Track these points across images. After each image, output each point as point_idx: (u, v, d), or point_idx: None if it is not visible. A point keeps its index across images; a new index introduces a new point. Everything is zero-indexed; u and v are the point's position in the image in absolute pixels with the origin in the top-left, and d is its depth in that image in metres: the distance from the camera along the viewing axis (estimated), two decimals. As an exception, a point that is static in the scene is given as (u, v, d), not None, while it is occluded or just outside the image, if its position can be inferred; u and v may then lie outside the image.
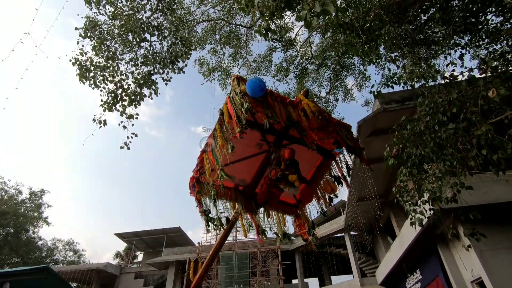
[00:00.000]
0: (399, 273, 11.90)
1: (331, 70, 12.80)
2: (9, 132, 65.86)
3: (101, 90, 6.34)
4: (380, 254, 16.41)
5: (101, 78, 6.29)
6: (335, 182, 3.47)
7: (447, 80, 4.28)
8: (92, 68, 6.16)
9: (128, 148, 6.51)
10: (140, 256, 30.92)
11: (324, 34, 11.46)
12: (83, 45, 6.18)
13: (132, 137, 6.42)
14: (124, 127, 6.34)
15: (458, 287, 7.54)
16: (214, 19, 11.48)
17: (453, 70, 4.38)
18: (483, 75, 4.11)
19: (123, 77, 6.51)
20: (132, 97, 6.46)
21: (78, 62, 6.05)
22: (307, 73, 12.94)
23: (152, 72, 6.56)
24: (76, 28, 6.24)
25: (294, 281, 22.71)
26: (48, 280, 7.05)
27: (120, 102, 6.48)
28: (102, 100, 6.37)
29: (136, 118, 6.53)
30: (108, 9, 6.60)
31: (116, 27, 6.57)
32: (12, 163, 62.46)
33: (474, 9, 5.60)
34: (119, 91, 6.40)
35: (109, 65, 6.32)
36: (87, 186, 78.46)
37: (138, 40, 6.43)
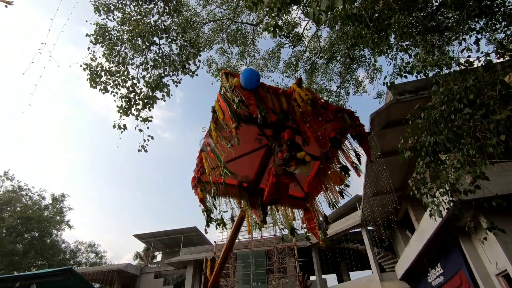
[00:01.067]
0: (420, 268, 11.64)
1: (341, 64, 12.59)
2: (28, 138, 68.37)
3: (114, 95, 6.47)
4: (399, 249, 16.10)
5: (113, 83, 6.41)
6: (343, 172, 3.26)
7: (463, 67, 4.12)
8: (102, 73, 6.29)
9: (146, 151, 6.63)
10: (158, 256, 31.54)
11: (332, 27, 11.28)
12: (94, 51, 6.33)
13: (148, 140, 6.54)
14: (140, 130, 6.46)
15: (483, 280, 7.30)
16: (220, 18, 11.50)
17: (469, 56, 4.21)
18: (501, 60, 3.93)
19: (134, 81, 6.62)
20: (145, 101, 6.57)
21: (89, 68, 6.19)
22: (317, 68, 12.78)
23: (162, 74, 6.64)
24: (87, 35, 6.39)
25: (312, 278, 22.62)
26: (71, 281, 7.31)
27: (134, 106, 6.60)
28: (117, 106, 6.50)
29: (150, 121, 6.64)
30: (116, 15, 6.72)
31: (125, 32, 6.68)
32: (32, 168, 64.89)
33: (489, -9, 5.37)
34: (131, 95, 6.52)
35: (119, 70, 6.44)
36: (103, 190, 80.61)
37: (147, 44, 6.52)
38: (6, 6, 6.59)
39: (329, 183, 3.57)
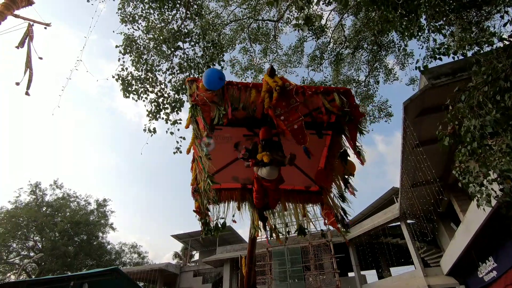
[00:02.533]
0: (469, 262, 10.88)
1: (368, 52, 12.09)
2: (71, 148, 73.67)
3: (143, 101, 6.79)
4: (443, 242, 15.18)
5: (142, 89, 6.72)
6: (343, 162, 3.05)
7: (507, 42, 3.76)
8: (133, 82, 6.62)
9: (181, 152, 6.88)
10: (196, 255, 32.55)
11: (357, 14, 10.86)
12: (123, 61, 6.68)
13: (181, 141, 6.78)
14: (172, 133, 6.70)
15: (543, 274, 6.65)
16: (241, 18, 11.54)
17: (513, 30, 3.83)
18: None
19: (162, 86, 6.88)
20: (173, 104, 6.80)
21: (120, 78, 6.54)
22: (342, 59, 12.38)
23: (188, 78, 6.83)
24: (116, 46, 6.76)
25: (351, 274, 22.04)
26: (118, 280, 7.77)
27: (163, 110, 6.86)
28: (147, 111, 6.82)
29: (179, 123, 6.86)
30: (141, 23, 7.02)
31: (150, 40, 6.96)
32: (76, 176, 69.89)
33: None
34: (160, 100, 6.79)
35: (148, 77, 6.72)
36: (139, 193, 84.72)
37: (172, 49, 6.74)
38: (45, 28, 7.15)
39: (336, 175, 3.37)
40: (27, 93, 6.46)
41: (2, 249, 25.75)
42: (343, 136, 3.04)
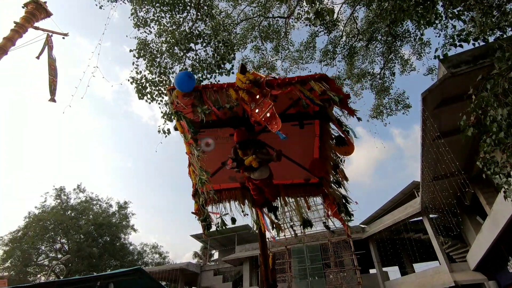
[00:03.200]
0: (498, 256, 10.45)
1: (382, 43, 11.78)
2: (91, 154, 76.08)
3: (158, 103, 6.93)
4: (469, 237, 14.66)
5: (157, 92, 6.85)
6: (338, 145, 2.92)
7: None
8: (147, 84, 6.76)
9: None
10: (215, 254, 32.92)
11: (369, 5, 10.60)
12: (137, 65, 6.83)
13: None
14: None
15: None
16: (251, 16, 11.52)
17: (539, 11, 3.63)
18: None
19: (176, 88, 6.99)
20: (188, 105, 6.89)
21: (135, 81, 6.70)
22: (356, 52, 12.12)
23: (201, 78, 6.90)
24: (130, 50, 6.92)
25: (372, 271, 21.66)
26: (142, 280, 7.98)
27: (178, 111, 6.97)
28: (162, 112, 6.96)
29: None
30: (153, 27, 7.16)
31: (163, 43, 7.08)
32: (97, 180, 72.17)
33: None
34: (174, 101, 6.90)
35: (161, 79, 6.84)
36: (158, 195, 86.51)
37: (184, 51, 6.82)
38: (63, 38, 7.41)
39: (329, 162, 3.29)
40: (52, 100, 6.73)
41: (32, 251, 27.02)
42: (330, 122, 2.98)
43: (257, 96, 2.43)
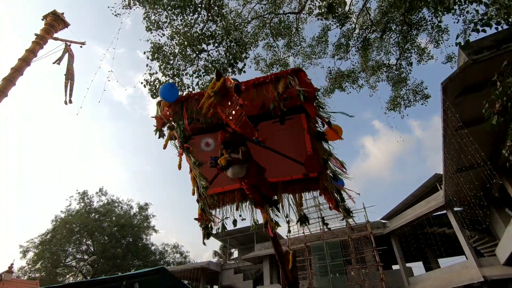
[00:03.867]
0: (529, 250, 9.96)
1: (397, 33, 11.44)
2: (109, 158, 78.36)
3: None
4: (498, 230, 14.04)
5: None
6: (318, 140, 2.94)
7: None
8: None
9: None
10: (235, 253, 33.18)
11: (382, -5, 10.33)
12: (150, 67, 6.99)
13: None
14: None
15: None
16: (262, 14, 11.49)
17: None
18: None
19: (190, 89, 7.08)
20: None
21: (148, 83, 6.85)
22: (370, 44, 11.85)
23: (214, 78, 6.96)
24: (144, 52, 7.08)
25: (395, 267, 21.18)
26: (165, 279, 8.16)
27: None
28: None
29: None
30: (166, 28, 7.29)
31: (175, 45, 7.19)
32: (117, 183, 74.29)
33: None
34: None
35: (175, 81, 6.96)
36: (176, 196, 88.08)
37: (197, 52, 6.90)
38: (81, 47, 7.66)
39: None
40: (69, 101, 6.98)
41: (60, 253, 28.23)
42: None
43: (229, 104, 2.47)
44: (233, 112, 2.43)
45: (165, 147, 2.87)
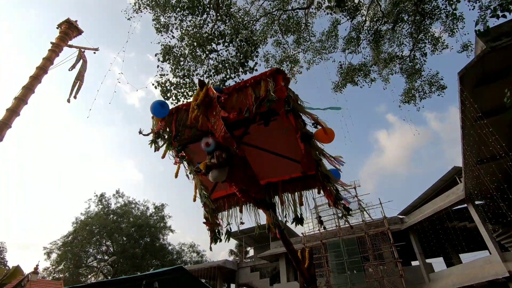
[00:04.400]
0: (557, 243, 9.52)
1: (409, 24, 11.15)
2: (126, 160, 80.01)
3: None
4: (522, 223, 13.49)
5: (181, 94, 7.05)
6: (303, 142, 2.85)
7: None
8: (172, 88, 6.98)
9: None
10: (251, 251, 33.34)
11: (393, -15, 10.09)
12: (162, 68, 7.09)
13: None
14: None
15: None
16: (270, 11, 11.43)
17: None
18: None
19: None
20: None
21: (159, 84, 6.95)
22: (381, 36, 11.60)
23: (224, 78, 6.98)
24: (155, 54, 7.19)
25: (414, 263, 20.75)
26: (183, 278, 8.28)
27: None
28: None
29: None
30: (176, 29, 7.37)
31: (185, 47, 7.26)
32: (133, 184, 75.84)
33: None
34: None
35: (185, 81, 7.03)
36: (190, 196, 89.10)
37: (207, 52, 6.95)
38: (94, 53, 7.85)
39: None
40: (74, 97, 7.17)
41: (82, 254, 29.15)
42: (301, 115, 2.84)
43: (213, 113, 2.51)
44: (217, 124, 2.52)
45: (163, 156, 3.04)
